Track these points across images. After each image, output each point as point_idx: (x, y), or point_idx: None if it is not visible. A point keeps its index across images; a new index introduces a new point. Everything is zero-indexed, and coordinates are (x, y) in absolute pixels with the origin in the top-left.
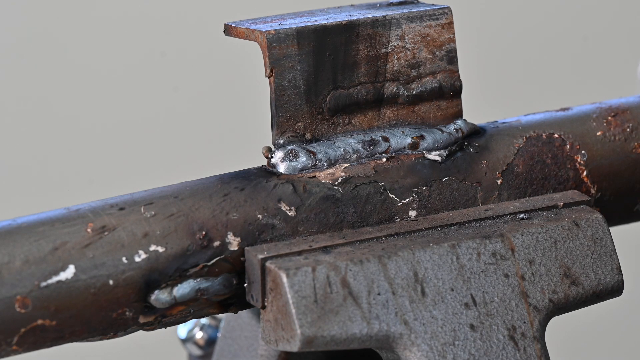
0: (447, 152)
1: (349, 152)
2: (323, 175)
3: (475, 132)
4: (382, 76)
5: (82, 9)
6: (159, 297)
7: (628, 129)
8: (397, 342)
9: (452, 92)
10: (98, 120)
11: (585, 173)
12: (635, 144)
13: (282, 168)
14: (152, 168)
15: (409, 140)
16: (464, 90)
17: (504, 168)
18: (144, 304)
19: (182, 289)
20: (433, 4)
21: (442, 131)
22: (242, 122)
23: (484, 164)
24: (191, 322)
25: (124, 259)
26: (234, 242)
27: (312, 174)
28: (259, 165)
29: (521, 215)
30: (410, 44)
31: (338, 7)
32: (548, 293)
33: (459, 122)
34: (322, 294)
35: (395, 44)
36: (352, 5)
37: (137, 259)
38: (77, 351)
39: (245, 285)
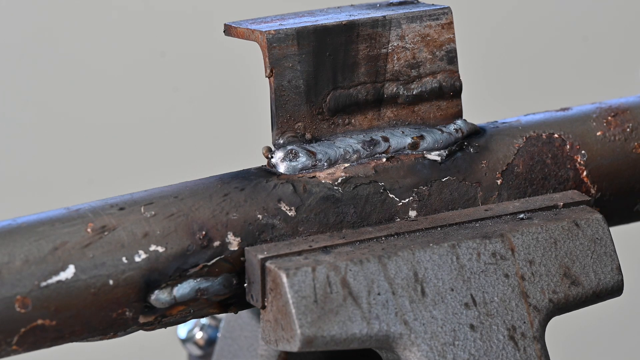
0: (447, 152)
1: (349, 152)
2: (323, 175)
3: (475, 132)
4: (382, 76)
5: (82, 9)
6: (159, 297)
7: (628, 129)
8: (397, 342)
9: (452, 92)
10: (98, 120)
11: (585, 173)
12: (635, 144)
13: (282, 168)
14: (152, 168)
15: (409, 140)
16: (464, 90)
17: (504, 168)
18: (144, 304)
19: (182, 289)
20: (433, 4)
21: (442, 131)
22: (242, 122)
23: (484, 164)
24: (191, 322)
25: (124, 259)
26: (234, 242)
27: (312, 174)
28: (259, 165)
29: (521, 215)
30: (410, 44)
31: (338, 7)
32: (548, 293)
33: (459, 122)
34: (322, 294)
35: (395, 44)
36: (352, 5)
37: (137, 259)
38: (77, 351)
39: (245, 285)
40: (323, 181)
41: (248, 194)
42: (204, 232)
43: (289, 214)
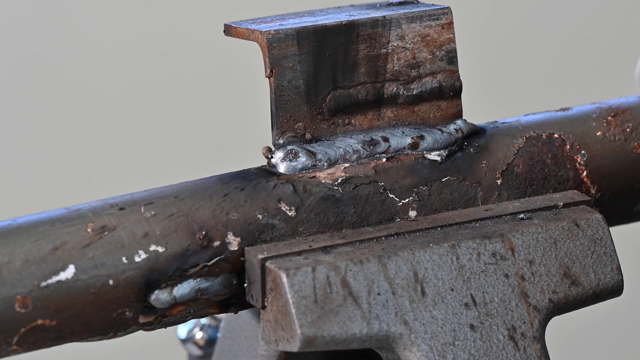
0: (447, 152)
1: (349, 152)
2: (323, 176)
3: (475, 132)
4: (382, 76)
5: (82, 9)
6: (159, 297)
7: (628, 129)
8: (397, 342)
9: (452, 92)
10: (98, 120)
11: (585, 173)
12: (635, 144)
13: (282, 168)
14: (152, 168)
15: (409, 140)
16: (464, 90)
17: (504, 168)
18: (144, 304)
19: (182, 289)
20: (433, 4)
21: (442, 131)
22: (242, 122)
23: (484, 164)
24: (191, 322)
25: (124, 259)
26: (234, 242)
27: (312, 174)
28: (259, 165)
29: (521, 215)
30: (410, 44)
31: (338, 7)
32: (548, 293)
33: (459, 122)
34: (322, 294)
35: (395, 44)
36: (352, 5)
37: (137, 259)
38: (77, 351)
39: (245, 285)
40: (323, 181)
41: (248, 194)
42: (204, 232)
43: (289, 214)
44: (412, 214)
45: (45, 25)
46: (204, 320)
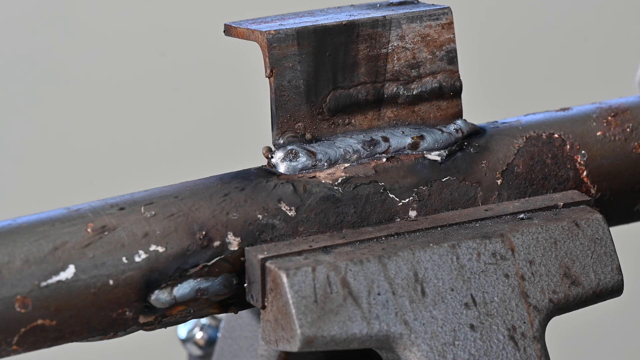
0: (447, 152)
1: (349, 152)
2: (323, 176)
3: (475, 132)
4: (382, 76)
5: (82, 9)
6: (159, 297)
7: (628, 129)
8: (397, 342)
9: (452, 92)
10: (98, 120)
11: (585, 173)
12: (635, 144)
13: (282, 168)
14: (152, 168)
15: (409, 140)
16: (464, 90)
17: (504, 168)
18: (144, 304)
19: (182, 289)
20: (433, 4)
21: (442, 131)
22: (242, 122)
23: (484, 164)
24: (191, 322)
25: (124, 258)
26: (234, 242)
27: (312, 174)
28: (259, 165)
29: (521, 215)
30: (410, 44)
31: (338, 7)
32: (548, 293)
33: (459, 122)
34: (322, 294)
35: (395, 44)
36: (352, 5)
37: (137, 259)
38: (77, 351)
39: (245, 285)
40: (323, 181)
41: (248, 194)
42: (204, 232)
43: (289, 214)
44: (412, 214)
45: (44, 25)
46: (204, 320)
